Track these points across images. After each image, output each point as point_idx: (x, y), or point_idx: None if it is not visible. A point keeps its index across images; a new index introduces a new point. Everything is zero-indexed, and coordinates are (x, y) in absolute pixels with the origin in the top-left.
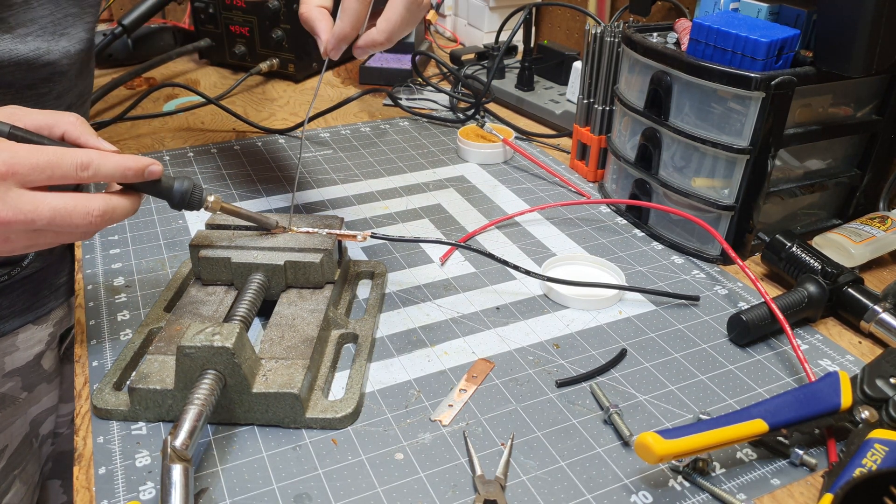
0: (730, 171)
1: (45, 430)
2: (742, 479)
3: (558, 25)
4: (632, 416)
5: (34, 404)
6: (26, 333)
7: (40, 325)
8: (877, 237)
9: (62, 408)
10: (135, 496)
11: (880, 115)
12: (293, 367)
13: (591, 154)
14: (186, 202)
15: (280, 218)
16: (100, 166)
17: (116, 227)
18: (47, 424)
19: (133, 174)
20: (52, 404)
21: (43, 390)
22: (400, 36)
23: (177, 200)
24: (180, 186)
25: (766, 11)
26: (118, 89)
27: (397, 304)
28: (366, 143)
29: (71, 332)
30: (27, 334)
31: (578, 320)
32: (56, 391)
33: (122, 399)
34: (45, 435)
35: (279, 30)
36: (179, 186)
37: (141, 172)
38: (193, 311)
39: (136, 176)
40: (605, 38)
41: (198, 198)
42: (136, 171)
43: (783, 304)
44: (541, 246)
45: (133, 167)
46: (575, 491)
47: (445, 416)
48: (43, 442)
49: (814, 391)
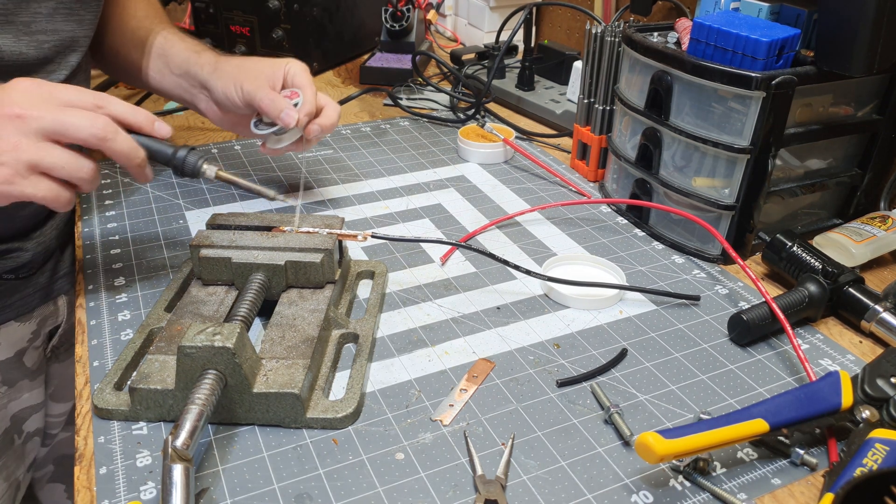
0: (730, 171)
1: (31, 427)
2: (743, 479)
3: (559, 25)
4: (632, 415)
5: (14, 399)
6: (8, 329)
7: (23, 322)
8: (877, 237)
9: (54, 407)
10: (136, 496)
11: (881, 115)
12: (294, 366)
13: (592, 154)
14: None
15: (280, 218)
16: (111, 104)
17: (117, 227)
18: (32, 422)
19: (143, 118)
20: (36, 402)
21: (24, 386)
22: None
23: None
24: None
25: (766, 11)
26: (119, 89)
27: (398, 303)
28: (366, 143)
29: (58, 332)
30: (8, 330)
31: (579, 320)
32: (41, 389)
33: (123, 399)
34: (29, 433)
35: (279, 30)
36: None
37: (150, 122)
38: (194, 311)
39: (145, 120)
40: (605, 37)
41: (192, 164)
42: (146, 117)
43: (784, 304)
44: (541, 246)
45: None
46: (575, 491)
47: (446, 415)
48: (28, 439)
49: (814, 391)
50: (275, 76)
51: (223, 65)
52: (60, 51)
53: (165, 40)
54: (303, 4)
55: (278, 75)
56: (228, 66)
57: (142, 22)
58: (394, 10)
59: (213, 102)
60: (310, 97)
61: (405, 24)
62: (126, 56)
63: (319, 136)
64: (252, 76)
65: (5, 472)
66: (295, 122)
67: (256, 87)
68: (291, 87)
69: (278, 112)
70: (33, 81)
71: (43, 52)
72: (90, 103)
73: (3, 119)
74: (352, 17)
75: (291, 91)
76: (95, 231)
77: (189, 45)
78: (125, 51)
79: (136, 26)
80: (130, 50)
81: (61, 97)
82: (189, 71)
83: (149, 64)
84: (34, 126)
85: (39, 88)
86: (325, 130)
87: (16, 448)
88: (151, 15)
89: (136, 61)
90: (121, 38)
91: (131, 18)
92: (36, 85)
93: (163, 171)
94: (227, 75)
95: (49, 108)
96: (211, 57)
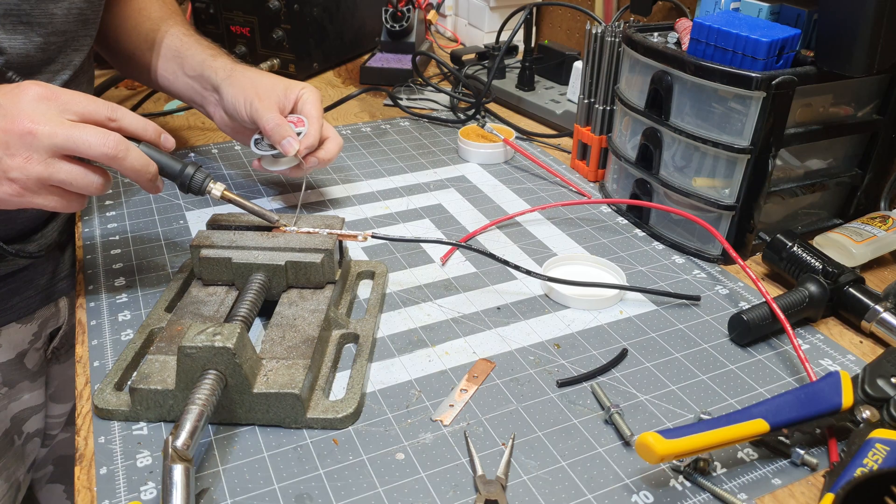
0: (730, 171)
1: (31, 428)
2: (743, 479)
3: (559, 25)
4: (633, 415)
5: (14, 399)
6: (9, 331)
7: (24, 324)
8: (878, 237)
9: (53, 408)
10: (136, 496)
11: (881, 115)
12: (294, 367)
13: (592, 154)
14: (189, 184)
15: (281, 218)
16: (125, 116)
17: (118, 227)
18: (32, 423)
19: (152, 131)
20: (36, 403)
21: (25, 388)
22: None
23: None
24: (186, 168)
25: (766, 11)
26: (119, 89)
27: (398, 304)
28: (366, 143)
29: (59, 334)
30: (10, 332)
31: (579, 320)
32: (41, 390)
33: (124, 399)
34: (30, 433)
35: (280, 30)
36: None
37: (158, 135)
38: (194, 311)
39: (154, 134)
40: (605, 37)
41: (199, 182)
42: (155, 130)
43: (784, 304)
44: (541, 246)
45: (153, 127)
46: (576, 491)
47: (446, 416)
48: (28, 440)
49: (815, 391)
50: (286, 98)
51: (238, 75)
52: (65, 51)
53: (181, 42)
54: (303, 5)
55: (290, 98)
56: (243, 77)
57: (156, 24)
58: (394, 11)
59: (222, 108)
60: (314, 131)
61: (405, 25)
62: (140, 57)
63: (316, 167)
64: (264, 94)
65: (5, 473)
66: (294, 152)
67: (264, 106)
68: (299, 114)
69: (280, 139)
70: (44, 89)
71: (49, 52)
72: (103, 116)
73: (14, 134)
74: (352, 17)
75: (298, 118)
76: (96, 231)
77: (205, 48)
78: (139, 53)
79: (150, 28)
80: (145, 52)
81: (74, 109)
82: (203, 74)
83: (162, 65)
84: (46, 143)
85: (51, 99)
86: (323, 164)
87: (16, 449)
88: (166, 16)
89: (150, 62)
90: (136, 40)
91: (146, 20)
92: (47, 94)
93: None
94: (240, 87)
95: (61, 123)
96: (226, 62)
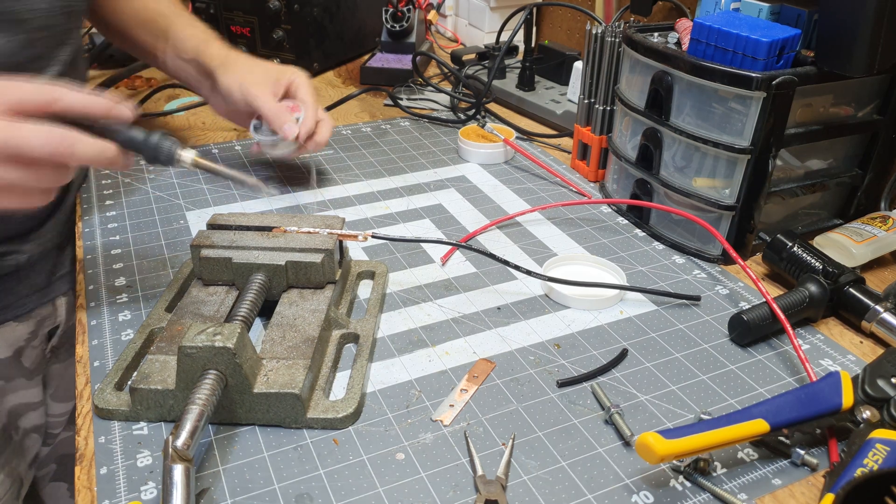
0: (731, 171)
1: (28, 423)
2: (743, 479)
3: (559, 25)
4: (633, 416)
5: (10, 393)
6: (5, 329)
7: (22, 322)
8: (878, 237)
9: (55, 407)
10: (136, 496)
11: (881, 115)
12: (294, 367)
13: (592, 154)
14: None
15: (282, 218)
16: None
17: (118, 227)
18: (30, 418)
19: (101, 107)
20: (34, 399)
21: (21, 385)
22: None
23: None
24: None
25: (766, 11)
26: (119, 90)
27: (398, 304)
28: (367, 144)
29: (57, 332)
30: (6, 330)
31: (579, 320)
32: (39, 388)
33: (124, 399)
34: (27, 429)
35: (280, 30)
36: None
37: (108, 109)
38: (195, 311)
39: (103, 109)
40: (605, 38)
41: (167, 150)
42: (104, 105)
43: (784, 304)
44: (542, 246)
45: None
46: (576, 491)
47: (446, 416)
48: (25, 435)
49: (815, 391)
50: (279, 84)
51: (231, 61)
52: (51, 45)
53: (174, 25)
54: (303, 5)
55: (282, 83)
56: (236, 64)
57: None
58: (394, 11)
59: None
60: (311, 115)
61: (405, 25)
62: (136, 37)
63: (313, 150)
64: (258, 80)
65: (7, 468)
66: (295, 136)
67: (260, 93)
68: (294, 100)
69: (281, 124)
70: None
71: (36, 49)
72: (42, 101)
73: None
74: (352, 17)
75: (294, 104)
76: (96, 231)
77: (198, 32)
78: (133, 32)
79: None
80: (139, 31)
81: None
82: (197, 59)
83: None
84: None
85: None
86: (319, 147)
87: (14, 444)
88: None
89: (146, 42)
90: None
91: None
92: None
93: (164, 172)
94: (233, 73)
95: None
96: (219, 49)
